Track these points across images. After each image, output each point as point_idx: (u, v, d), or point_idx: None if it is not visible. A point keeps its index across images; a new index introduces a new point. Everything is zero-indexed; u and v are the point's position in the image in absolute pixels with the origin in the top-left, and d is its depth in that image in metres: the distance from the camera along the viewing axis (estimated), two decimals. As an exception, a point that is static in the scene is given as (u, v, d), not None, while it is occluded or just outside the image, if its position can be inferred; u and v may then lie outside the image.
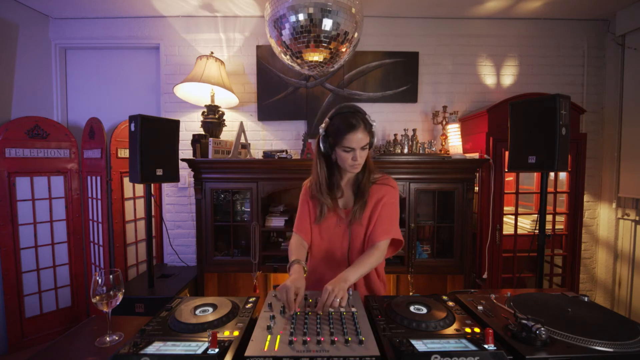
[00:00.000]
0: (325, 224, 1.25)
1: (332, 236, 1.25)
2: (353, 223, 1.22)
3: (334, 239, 1.25)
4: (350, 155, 1.13)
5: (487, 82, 2.57)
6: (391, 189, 1.24)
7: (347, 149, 1.12)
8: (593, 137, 2.55)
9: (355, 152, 1.12)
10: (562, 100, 1.49)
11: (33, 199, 2.25)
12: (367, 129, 1.13)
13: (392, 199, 1.23)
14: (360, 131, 1.10)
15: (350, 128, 1.09)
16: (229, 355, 0.74)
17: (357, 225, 1.21)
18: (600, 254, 2.62)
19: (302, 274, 1.06)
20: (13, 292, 2.18)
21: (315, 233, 1.27)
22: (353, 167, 1.16)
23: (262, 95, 2.51)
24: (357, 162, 1.14)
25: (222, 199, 2.35)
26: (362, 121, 1.11)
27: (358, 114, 1.13)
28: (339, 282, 0.99)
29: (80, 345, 0.93)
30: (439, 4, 2.33)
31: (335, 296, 0.92)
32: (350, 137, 1.10)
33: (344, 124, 1.11)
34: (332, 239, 1.25)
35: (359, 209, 1.20)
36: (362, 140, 1.11)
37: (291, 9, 1.62)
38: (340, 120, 1.12)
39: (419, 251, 2.21)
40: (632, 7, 2.28)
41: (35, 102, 2.43)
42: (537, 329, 0.76)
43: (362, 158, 1.14)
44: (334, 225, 1.25)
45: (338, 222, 1.24)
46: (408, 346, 0.73)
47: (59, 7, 2.38)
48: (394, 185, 1.26)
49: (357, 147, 1.11)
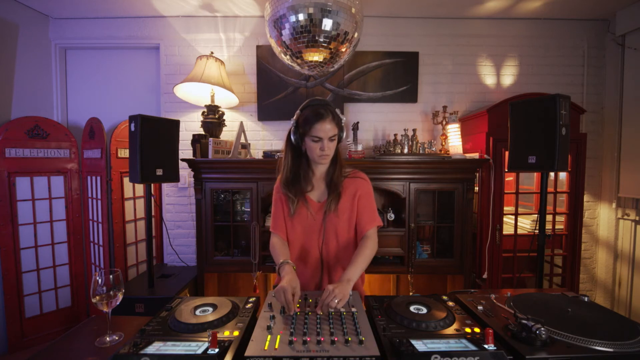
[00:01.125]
0: (299, 217, 1.25)
1: (308, 230, 1.26)
2: (328, 214, 1.24)
3: (310, 233, 1.26)
4: (319, 145, 1.16)
5: (487, 82, 2.57)
6: (364, 181, 1.30)
7: (315, 138, 1.16)
8: (593, 137, 2.55)
9: (323, 142, 1.16)
10: (562, 100, 1.49)
11: (33, 199, 2.25)
12: (335, 120, 1.17)
13: (368, 190, 1.29)
14: (329, 121, 1.15)
15: (319, 117, 1.14)
16: (229, 355, 0.74)
17: (333, 216, 1.24)
18: (600, 254, 2.62)
19: (295, 273, 1.06)
20: (13, 292, 2.18)
21: (290, 228, 1.27)
22: (321, 157, 1.19)
23: (262, 95, 2.51)
24: (324, 152, 1.17)
25: (222, 199, 2.35)
26: (330, 112, 1.16)
27: (327, 106, 1.18)
28: (342, 283, 1.00)
29: (80, 345, 0.93)
30: (439, 4, 2.33)
31: (334, 296, 0.93)
32: (318, 126, 1.14)
33: (313, 114, 1.15)
34: (308, 234, 1.26)
35: (334, 200, 1.23)
36: (330, 130, 1.15)
37: (291, 9, 1.62)
38: (309, 111, 1.17)
39: (419, 251, 2.21)
40: (632, 7, 2.28)
41: (35, 102, 2.43)
42: (537, 329, 0.76)
43: (329, 149, 1.18)
44: (308, 219, 1.25)
45: (313, 215, 1.25)
46: (408, 346, 0.73)
47: (59, 7, 2.38)
48: (365, 178, 1.32)
49: (325, 137, 1.15)
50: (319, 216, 1.25)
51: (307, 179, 1.26)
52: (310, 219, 1.25)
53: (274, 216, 1.29)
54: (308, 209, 1.25)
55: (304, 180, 1.25)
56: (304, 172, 1.26)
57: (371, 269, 2.17)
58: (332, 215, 1.24)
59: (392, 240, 2.14)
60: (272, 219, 1.30)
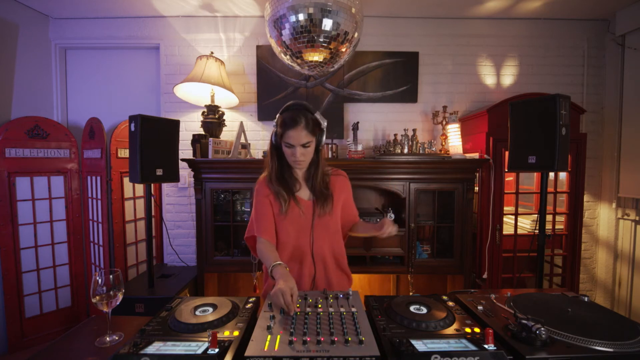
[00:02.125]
0: (291, 216, 1.24)
1: (300, 228, 1.25)
2: (322, 215, 1.24)
3: (302, 231, 1.25)
4: (291, 152, 1.15)
5: (487, 82, 2.57)
6: (346, 179, 1.36)
7: (287, 144, 1.15)
8: (593, 137, 2.55)
9: (295, 148, 1.14)
10: (562, 100, 1.49)
11: (33, 199, 2.25)
12: (309, 127, 1.13)
13: (349, 187, 1.36)
14: (301, 129, 1.11)
15: (292, 124, 1.11)
16: (229, 355, 0.74)
17: (325, 215, 1.25)
18: (600, 254, 2.62)
19: (289, 274, 1.04)
20: (13, 292, 2.18)
21: (281, 228, 1.25)
22: (295, 163, 1.18)
23: (262, 95, 2.51)
24: (296, 158, 1.15)
25: (222, 199, 2.35)
26: (304, 119, 1.12)
27: (303, 111, 1.14)
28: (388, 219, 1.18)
29: (80, 345, 0.93)
30: (439, 4, 2.33)
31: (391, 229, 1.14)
32: (290, 133, 1.12)
33: (287, 120, 1.13)
34: (300, 231, 1.25)
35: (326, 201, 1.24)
36: (303, 137, 1.12)
37: (291, 9, 1.62)
38: (285, 116, 1.15)
39: (419, 251, 2.21)
40: (632, 7, 2.28)
41: (35, 102, 2.43)
42: (537, 329, 0.76)
43: (303, 156, 1.16)
44: (300, 218, 1.24)
45: (304, 213, 1.24)
46: (408, 346, 0.73)
47: (59, 7, 2.38)
48: (345, 175, 1.37)
49: (297, 144, 1.13)
50: (308, 214, 1.25)
51: (293, 179, 1.26)
52: (302, 218, 1.24)
53: (259, 218, 1.23)
54: (299, 207, 1.24)
55: (290, 181, 1.25)
56: (288, 173, 1.25)
57: (371, 269, 2.17)
58: (324, 214, 1.25)
59: (392, 240, 2.14)
60: (257, 221, 1.24)
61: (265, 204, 1.25)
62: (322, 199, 1.24)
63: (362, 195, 2.48)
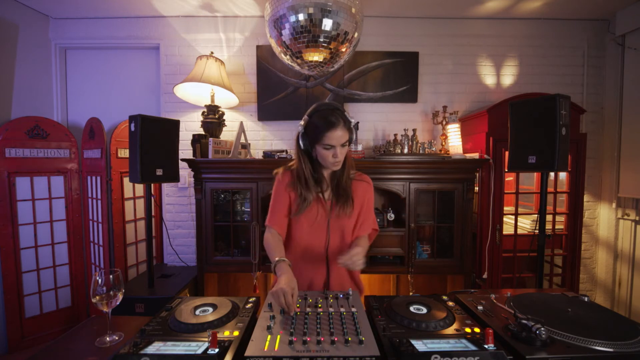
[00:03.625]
0: (307, 216, 1.23)
1: (314, 229, 1.24)
2: (342, 217, 1.23)
3: (316, 232, 1.24)
4: (331, 153, 1.14)
5: (487, 82, 2.57)
6: (369, 185, 1.32)
7: (327, 146, 1.13)
8: (593, 137, 2.55)
9: (335, 149, 1.13)
10: (562, 100, 1.49)
11: (33, 199, 2.25)
12: (347, 126, 1.14)
13: (371, 194, 1.32)
14: (340, 128, 1.11)
15: (330, 126, 1.10)
16: (229, 355, 0.74)
17: (343, 217, 1.24)
18: (600, 254, 2.62)
19: (291, 272, 1.04)
20: (13, 292, 2.18)
21: (295, 226, 1.25)
22: (334, 164, 1.17)
23: (262, 95, 2.51)
24: (337, 159, 1.15)
25: (222, 199, 2.35)
26: (341, 118, 1.12)
27: (337, 111, 1.14)
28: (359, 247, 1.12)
29: (80, 345, 0.93)
30: (439, 4, 2.33)
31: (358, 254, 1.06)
32: (330, 134, 1.11)
33: (323, 122, 1.11)
34: (314, 232, 1.24)
35: (346, 204, 1.22)
36: (342, 137, 1.12)
37: (291, 9, 1.62)
38: (319, 118, 1.13)
39: (419, 251, 2.21)
40: (632, 7, 2.28)
41: (35, 102, 2.43)
42: (537, 329, 0.76)
43: (342, 155, 1.16)
44: (316, 218, 1.24)
45: (320, 214, 1.24)
46: (408, 346, 0.73)
47: (59, 7, 2.38)
48: (370, 182, 1.33)
49: (338, 145, 1.13)
50: (326, 215, 1.24)
51: (322, 180, 1.25)
52: (319, 218, 1.24)
53: (273, 209, 1.24)
54: (318, 208, 1.23)
55: (319, 182, 1.24)
56: (318, 175, 1.24)
57: (371, 269, 2.17)
58: (342, 217, 1.24)
59: (392, 240, 2.14)
60: (271, 212, 1.24)
61: (284, 196, 1.24)
62: (342, 200, 1.22)
63: (362, 195, 2.48)
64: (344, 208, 1.22)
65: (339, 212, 1.23)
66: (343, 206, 1.22)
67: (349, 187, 1.24)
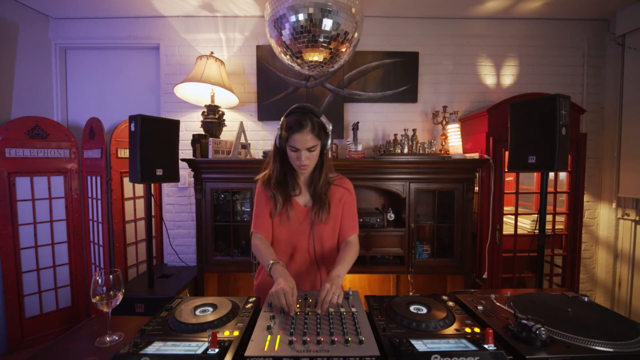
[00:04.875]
0: (284, 220, 1.23)
1: (294, 232, 1.24)
2: (317, 223, 1.22)
3: (297, 235, 1.24)
4: (296, 155, 1.13)
5: (487, 82, 2.57)
6: (347, 191, 1.29)
7: (293, 148, 1.13)
8: (593, 137, 2.54)
9: (300, 152, 1.12)
10: (562, 100, 1.49)
11: (33, 199, 2.25)
12: (316, 131, 1.11)
13: (352, 198, 1.29)
14: (307, 132, 1.09)
15: (298, 127, 1.09)
16: (229, 355, 0.74)
17: (320, 224, 1.22)
18: (600, 254, 2.62)
19: (287, 272, 1.04)
20: (13, 292, 2.18)
21: (278, 232, 1.25)
22: (300, 167, 1.16)
23: (262, 95, 2.51)
24: (302, 162, 1.13)
25: (222, 199, 2.35)
26: (310, 122, 1.10)
27: (309, 114, 1.12)
28: (334, 279, 1.02)
29: (80, 345, 0.93)
30: (439, 4, 2.33)
31: (333, 293, 0.94)
32: (296, 137, 1.10)
33: (292, 123, 1.11)
34: (295, 235, 1.24)
35: (321, 209, 1.21)
36: (309, 141, 1.11)
37: (291, 9, 1.62)
38: (291, 119, 1.13)
39: (419, 251, 2.21)
40: (632, 7, 2.28)
41: (35, 102, 2.43)
42: (537, 329, 0.76)
43: (308, 159, 1.14)
44: (294, 223, 1.23)
45: (299, 219, 1.23)
46: (408, 346, 0.73)
47: (59, 7, 2.38)
48: (350, 189, 1.30)
49: (302, 148, 1.11)
50: (306, 221, 1.23)
51: (294, 183, 1.24)
52: (296, 223, 1.23)
53: (256, 214, 1.24)
54: (294, 213, 1.22)
55: (291, 185, 1.23)
56: (290, 177, 1.23)
57: (371, 269, 2.17)
58: (318, 223, 1.22)
59: (392, 240, 2.14)
60: (255, 217, 1.24)
61: (263, 202, 1.25)
62: (317, 206, 1.21)
63: (362, 195, 2.48)
64: (319, 214, 1.21)
65: (315, 217, 1.21)
66: (318, 212, 1.21)
67: (324, 194, 1.23)
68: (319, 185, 1.22)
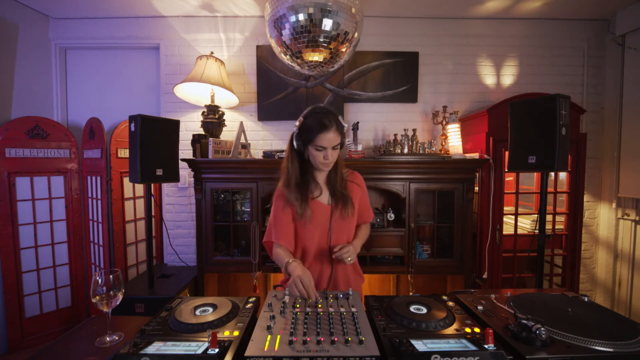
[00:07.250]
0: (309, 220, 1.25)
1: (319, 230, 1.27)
2: (345, 218, 1.28)
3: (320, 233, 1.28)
4: (322, 154, 1.20)
5: (487, 82, 2.57)
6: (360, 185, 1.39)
7: (319, 147, 1.19)
8: (593, 137, 2.54)
9: (326, 151, 1.19)
10: (562, 100, 1.49)
11: (33, 199, 2.25)
12: (339, 129, 1.20)
13: (365, 190, 1.41)
14: (332, 131, 1.17)
15: (323, 128, 1.16)
16: (229, 355, 0.74)
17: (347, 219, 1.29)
18: (600, 254, 2.62)
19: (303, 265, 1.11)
20: (13, 292, 2.18)
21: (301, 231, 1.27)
22: (324, 165, 1.22)
23: (262, 95, 2.51)
24: (328, 160, 1.20)
25: (222, 199, 2.35)
26: (334, 122, 1.18)
27: (331, 114, 1.20)
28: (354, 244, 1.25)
29: (80, 345, 0.93)
30: (439, 4, 2.33)
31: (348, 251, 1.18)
32: (322, 136, 1.16)
33: (317, 124, 1.17)
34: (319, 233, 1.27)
35: (347, 205, 1.28)
36: (334, 140, 1.18)
37: (291, 9, 1.62)
38: (314, 120, 1.18)
39: (419, 251, 2.21)
40: (632, 7, 2.28)
41: (35, 102, 2.43)
42: (537, 329, 0.76)
43: (333, 157, 1.21)
44: (319, 221, 1.27)
45: (323, 218, 1.27)
46: (408, 346, 0.73)
47: (59, 7, 2.38)
48: (361, 182, 1.40)
49: (329, 147, 1.18)
50: (327, 218, 1.28)
51: (314, 183, 1.29)
52: (319, 222, 1.27)
53: (278, 224, 1.25)
54: (317, 212, 1.26)
55: (312, 185, 1.28)
56: (310, 177, 1.28)
57: (371, 269, 2.17)
58: (346, 218, 1.29)
59: (392, 240, 2.14)
60: (275, 227, 1.25)
61: (284, 208, 1.26)
62: (342, 202, 1.27)
63: (362, 195, 2.48)
64: (345, 209, 1.28)
65: (342, 213, 1.28)
66: (344, 208, 1.27)
67: (345, 189, 1.30)
68: (337, 183, 1.29)
